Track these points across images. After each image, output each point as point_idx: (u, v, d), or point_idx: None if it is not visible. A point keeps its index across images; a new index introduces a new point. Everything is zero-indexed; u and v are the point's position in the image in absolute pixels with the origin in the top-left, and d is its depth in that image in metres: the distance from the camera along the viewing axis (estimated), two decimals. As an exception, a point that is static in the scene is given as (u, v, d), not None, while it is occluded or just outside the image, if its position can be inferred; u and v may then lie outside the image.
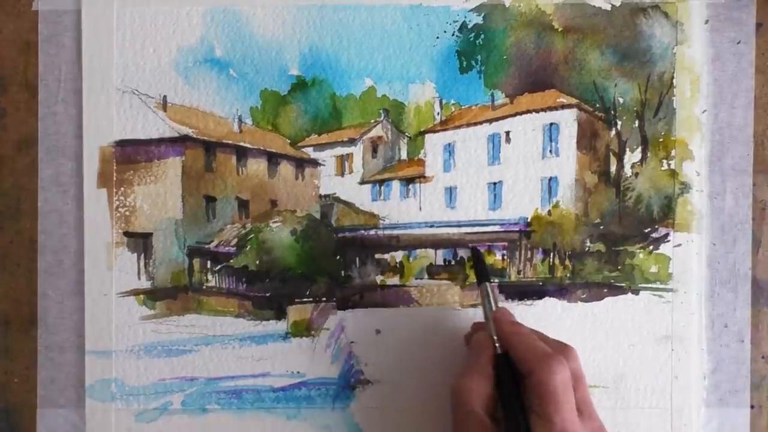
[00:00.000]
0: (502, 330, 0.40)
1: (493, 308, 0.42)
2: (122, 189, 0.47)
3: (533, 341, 0.39)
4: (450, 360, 0.46)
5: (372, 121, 0.47)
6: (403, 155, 0.48)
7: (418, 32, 0.46)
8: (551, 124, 0.47)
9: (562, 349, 0.39)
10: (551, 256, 0.47)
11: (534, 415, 0.37)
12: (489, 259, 0.47)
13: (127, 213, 0.47)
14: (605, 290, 0.47)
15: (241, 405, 0.47)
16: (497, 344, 0.40)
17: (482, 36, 0.47)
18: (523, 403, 0.37)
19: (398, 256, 0.47)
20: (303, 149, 0.47)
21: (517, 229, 0.47)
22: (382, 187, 0.47)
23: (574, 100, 0.47)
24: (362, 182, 0.48)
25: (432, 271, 0.47)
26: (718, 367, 0.46)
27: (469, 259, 0.47)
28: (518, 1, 0.46)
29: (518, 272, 0.47)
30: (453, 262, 0.47)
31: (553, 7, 0.46)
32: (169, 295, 0.47)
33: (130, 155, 0.47)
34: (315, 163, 0.47)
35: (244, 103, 0.47)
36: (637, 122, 0.47)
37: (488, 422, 0.38)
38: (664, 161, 0.47)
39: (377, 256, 0.47)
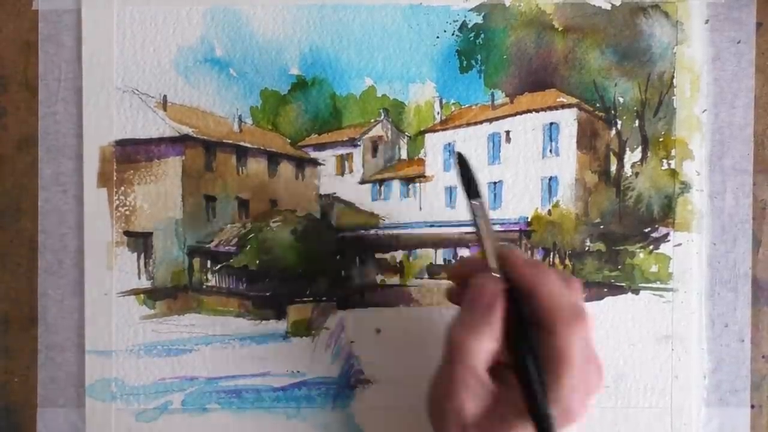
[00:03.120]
0: (518, 272, 0.35)
1: (491, 236, 0.35)
2: (122, 188, 0.47)
3: (556, 290, 0.34)
4: (450, 359, 0.46)
5: (372, 120, 0.47)
6: (403, 155, 0.48)
7: (418, 32, 0.46)
8: (551, 123, 0.47)
9: (567, 284, 0.35)
10: (551, 255, 0.47)
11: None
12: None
13: (128, 212, 0.47)
14: (605, 290, 0.47)
15: (241, 404, 0.47)
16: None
17: (482, 35, 0.47)
18: (537, 359, 0.33)
19: (398, 255, 0.47)
20: (303, 149, 0.47)
21: (518, 229, 0.47)
22: (382, 187, 0.47)
23: (574, 100, 0.47)
24: (362, 182, 0.48)
25: (432, 270, 0.47)
26: (718, 367, 0.46)
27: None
28: (518, 1, 0.46)
29: (518, 272, 0.47)
30: (453, 262, 0.47)
31: (553, 7, 0.46)
32: (169, 295, 0.47)
33: (131, 155, 0.47)
34: (315, 162, 0.47)
35: (244, 103, 0.47)
36: (637, 122, 0.47)
37: (489, 384, 0.35)
38: (665, 161, 0.47)
39: (377, 255, 0.47)
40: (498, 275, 0.35)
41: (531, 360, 0.34)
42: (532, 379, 0.33)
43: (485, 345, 0.35)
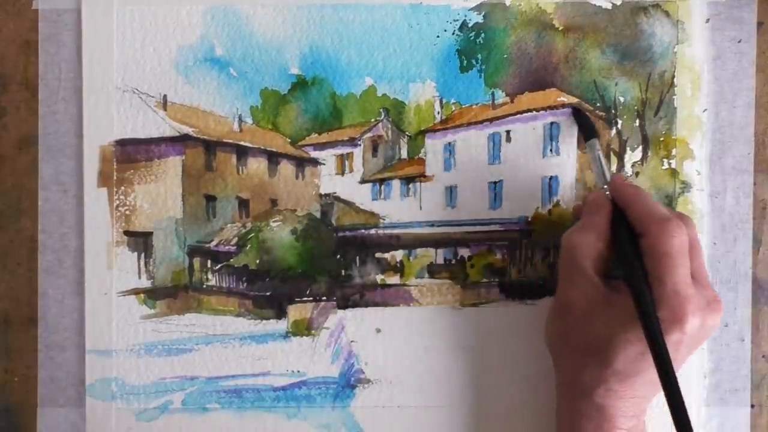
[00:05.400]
0: (620, 189, 0.40)
1: (604, 166, 0.43)
2: (122, 188, 0.47)
3: (652, 202, 0.39)
4: (450, 359, 0.46)
5: (372, 120, 0.47)
6: (404, 154, 0.48)
7: (418, 31, 0.46)
8: (552, 123, 0.47)
9: (680, 216, 0.39)
10: (551, 255, 0.47)
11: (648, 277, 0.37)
12: (489, 258, 0.47)
13: (128, 212, 0.47)
14: (606, 289, 0.47)
15: (242, 404, 0.47)
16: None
17: (483, 35, 0.47)
18: (642, 261, 0.37)
19: (398, 255, 0.47)
20: (303, 148, 0.47)
21: (518, 229, 0.47)
22: (383, 186, 0.47)
23: (574, 99, 0.47)
24: (362, 181, 0.48)
25: (432, 270, 0.47)
26: (718, 367, 0.46)
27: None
28: (519, 0, 0.46)
29: (518, 271, 0.47)
30: (453, 261, 0.47)
31: (554, 6, 0.46)
32: (170, 295, 0.47)
33: (131, 154, 0.47)
34: (315, 162, 0.47)
35: (245, 102, 0.47)
36: (637, 121, 0.47)
37: (597, 280, 0.39)
38: (665, 160, 0.47)
39: (377, 255, 0.47)
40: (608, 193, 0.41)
41: (636, 264, 0.37)
42: (637, 281, 0.36)
43: (590, 240, 0.39)
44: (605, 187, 0.42)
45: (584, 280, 0.39)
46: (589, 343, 0.38)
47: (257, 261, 0.47)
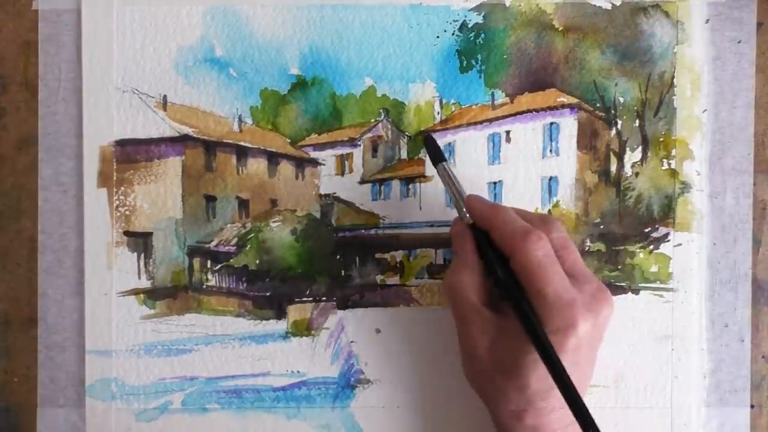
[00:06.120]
0: (476, 214, 0.40)
1: (459, 190, 0.41)
2: (122, 188, 0.47)
3: (509, 219, 0.38)
4: (450, 360, 0.46)
5: (372, 120, 0.47)
6: (404, 155, 0.48)
7: (418, 32, 0.46)
8: (551, 123, 0.47)
9: (542, 222, 0.39)
10: (551, 255, 0.47)
11: (527, 294, 0.37)
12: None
13: (127, 212, 0.47)
14: (605, 290, 0.47)
15: (242, 404, 0.47)
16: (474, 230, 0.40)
17: (482, 35, 0.47)
18: (517, 280, 0.37)
19: (398, 255, 0.47)
20: (303, 149, 0.47)
21: (518, 229, 0.47)
22: (383, 187, 0.47)
23: (574, 100, 0.47)
24: (362, 182, 0.48)
25: (432, 270, 0.47)
26: (718, 367, 0.46)
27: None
28: (518, 1, 0.46)
29: (518, 272, 0.47)
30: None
31: (554, 7, 0.46)
32: (169, 295, 0.47)
33: (130, 155, 0.47)
34: (315, 162, 0.47)
35: (244, 103, 0.47)
36: (637, 122, 0.47)
37: (484, 310, 0.38)
38: (665, 161, 0.47)
39: (377, 255, 0.47)
40: (469, 221, 0.40)
41: (511, 286, 0.37)
42: (516, 303, 0.37)
43: (467, 278, 0.39)
44: (464, 210, 0.40)
45: (477, 317, 0.38)
46: (501, 372, 0.37)
47: (257, 261, 0.47)
